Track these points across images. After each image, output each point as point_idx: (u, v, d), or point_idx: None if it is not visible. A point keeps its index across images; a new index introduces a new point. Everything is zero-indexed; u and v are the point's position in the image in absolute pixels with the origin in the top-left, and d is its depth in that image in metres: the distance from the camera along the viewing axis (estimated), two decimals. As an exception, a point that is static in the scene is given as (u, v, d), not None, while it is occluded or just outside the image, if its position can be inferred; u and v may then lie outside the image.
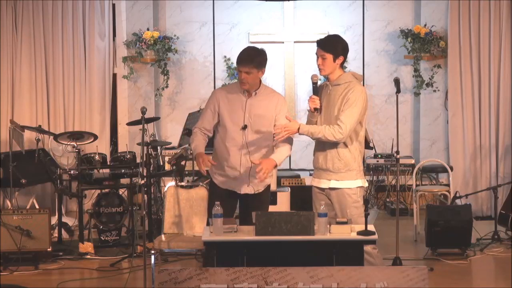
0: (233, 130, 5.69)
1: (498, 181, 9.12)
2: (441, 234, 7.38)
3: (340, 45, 5.58)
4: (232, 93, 5.74)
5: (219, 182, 5.83)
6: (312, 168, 5.80)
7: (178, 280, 4.86)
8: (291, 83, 9.88)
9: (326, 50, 5.54)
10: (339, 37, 5.69)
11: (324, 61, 5.55)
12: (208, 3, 9.89)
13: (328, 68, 5.56)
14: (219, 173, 5.81)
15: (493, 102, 9.22)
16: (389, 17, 9.82)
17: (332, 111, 5.56)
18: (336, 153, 5.56)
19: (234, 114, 5.69)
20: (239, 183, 5.77)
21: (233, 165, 5.73)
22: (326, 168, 5.61)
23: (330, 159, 5.58)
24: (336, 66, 5.58)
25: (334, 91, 5.58)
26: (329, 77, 5.62)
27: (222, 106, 5.71)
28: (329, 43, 5.58)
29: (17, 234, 7.12)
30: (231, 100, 5.72)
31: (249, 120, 5.68)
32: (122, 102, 9.78)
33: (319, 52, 5.58)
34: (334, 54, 5.54)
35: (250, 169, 5.70)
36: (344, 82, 5.57)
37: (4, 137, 9.17)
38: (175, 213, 6.52)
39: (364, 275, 4.86)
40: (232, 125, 5.69)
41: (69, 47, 9.40)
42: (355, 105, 5.49)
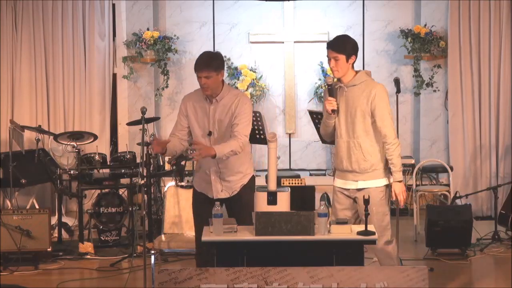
0: (200, 136, 5.68)
1: (498, 181, 9.12)
2: (441, 234, 7.39)
3: (350, 45, 5.56)
4: (198, 99, 5.71)
5: (196, 184, 5.86)
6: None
7: (178, 280, 4.86)
8: (291, 83, 9.87)
9: (338, 51, 5.51)
10: (348, 37, 5.68)
11: (337, 62, 5.51)
12: (208, 3, 9.89)
13: (342, 69, 5.52)
14: (197, 175, 5.84)
15: (493, 102, 9.22)
16: (389, 17, 9.82)
17: (353, 112, 5.53)
18: (361, 154, 5.54)
19: (200, 120, 5.69)
20: (211, 187, 5.74)
21: (205, 170, 5.74)
22: (352, 170, 5.58)
23: (356, 160, 5.55)
24: (349, 67, 5.54)
25: (351, 92, 5.54)
26: (342, 79, 5.57)
27: (189, 112, 5.71)
28: (340, 43, 5.55)
29: (17, 234, 7.13)
30: (196, 106, 5.70)
31: (214, 126, 5.66)
32: (122, 102, 9.78)
33: (330, 54, 5.53)
34: (346, 54, 5.50)
35: (219, 174, 5.69)
36: (361, 82, 5.54)
37: (4, 137, 9.17)
38: (175, 213, 6.53)
39: (364, 275, 4.86)
40: (199, 131, 5.69)
41: (69, 47, 9.40)
42: (385, 108, 5.52)
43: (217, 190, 5.72)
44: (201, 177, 5.79)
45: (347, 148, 5.58)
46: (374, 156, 5.56)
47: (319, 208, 5.29)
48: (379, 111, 5.51)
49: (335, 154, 5.72)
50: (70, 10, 9.36)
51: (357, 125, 5.54)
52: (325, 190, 8.15)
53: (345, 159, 5.60)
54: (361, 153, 5.54)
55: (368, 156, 5.54)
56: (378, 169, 5.57)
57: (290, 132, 9.97)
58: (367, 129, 5.54)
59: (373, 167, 5.56)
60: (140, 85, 9.78)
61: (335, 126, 5.64)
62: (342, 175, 5.66)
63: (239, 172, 5.74)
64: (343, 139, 5.60)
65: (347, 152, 5.58)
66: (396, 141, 5.53)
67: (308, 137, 9.93)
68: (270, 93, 9.87)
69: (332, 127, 5.64)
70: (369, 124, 5.54)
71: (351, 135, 5.56)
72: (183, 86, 9.96)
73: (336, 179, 5.72)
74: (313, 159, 10.02)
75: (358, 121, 5.52)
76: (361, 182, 5.58)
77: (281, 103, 9.94)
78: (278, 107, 9.94)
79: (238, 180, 5.76)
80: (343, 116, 5.57)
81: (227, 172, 5.70)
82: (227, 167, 5.68)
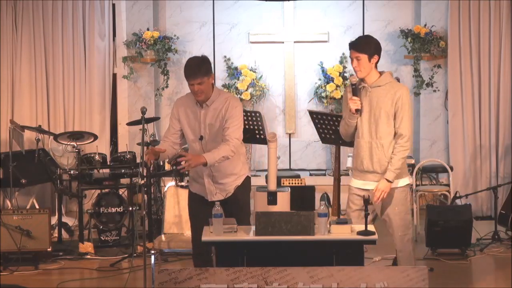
0: (192, 141, 5.70)
1: (498, 181, 9.12)
2: (441, 234, 7.39)
3: (372, 44, 5.56)
4: (189, 104, 5.72)
5: (191, 186, 5.87)
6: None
7: (178, 280, 4.86)
8: (291, 83, 9.87)
9: (360, 50, 5.51)
10: (370, 37, 5.68)
11: (359, 62, 5.51)
12: (208, 3, 9.88)
13: (365, 69, 5.52)
14: (192, 177, 5.85)
15: (493, 102, 9.22)
16: (389, 17, 9.82)
17: (378, 114, 5.53)
18: (383, 155, 5.54)
19: (192, 125, 5.70)
20: (206, 190, 5.75)
21: (199, 174, 5.75)
22: (373, 170, 5.58)
23: (377, 161, 5.55)
24: (372, 66, 5.54)
25: (375, 93, 5.54)
26: (365, 79, 5.56)
27: (181, 117, 5.72)
28: (362, 43, 5.56)
29: (17, 234, 7.13)
30: (188, 111, 5.71)
31: (205, 130, 5.66)
32: (122, 102, 9.78)
33: (353, 54, 5.53)
34: (368, 53, 5.50)
35: (212, 177, 5.70)
36: (386, 83, 5.54)
37: (4, 137, 9.17)
38: (175, 213, 6.53)
39: (364, 275, 4.86)
40: (191, 135, 5.71)
41: (69, 47, 9.40)
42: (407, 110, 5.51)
43: (212, 193, 5.73)
44: (195, 180, 5.81)
45: (369, 148, 5.57)
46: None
47: (319, 208, 5.29)
48: (401, 113, 5.51)
49: (355, 154, 5.69)
50: (70, 10, 9.36)
51: (381, 126, 5.54)
52: (325, 190, 8.15)
53: (366, 159, 5.59)
54: (383, 154, 5.54)
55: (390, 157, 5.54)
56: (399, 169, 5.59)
57: (290, 132, 9.97)
58: (390, 131, 5.55)
59: None
60: (140, 85, 9.78)
61: (356, 126, 5.63)
62: (362, 176, 5.65)
63: (233, 174, 5.75)
64: (364, 140, 5.59)
65: (369, 153, 5.58)
66: (407, 146, 5.53)
67: (308, 137, 9.93)
68: (270, 93, 9.87)
69: (353, 127, 5.63)
70: (392, 126, 5.55)
71: (374, 135, 5.56)
72: (183, 86, 9.96)
73: (354, 180, 5.71)
74: (313, 159, 10.02)
75: (382, 122, 5.52)
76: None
77: (281, 103, 9.94)
78: (278, 107, 9.94)
79: (232, 182, 5.76)
80: (366, 116, 5.57)
81: (220, 175, 5.71)
82: (220, 170, 5.68)
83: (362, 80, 5.60)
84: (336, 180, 6.60)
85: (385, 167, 5.54)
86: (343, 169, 8.51)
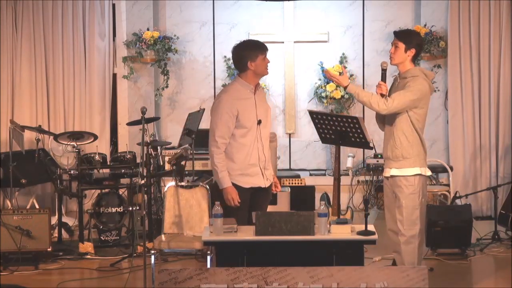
0: (251, 128, 5.79)
1: (498, 181, 9.12)
2: (441, 234, 7.38)
3: (415, 38, 5.72)
4: (241, 93, 5.81)
5: (243, 182, 5.82)
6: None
7: (178, 280, 4.87)
8: (291, 83, 9.87)
9: (399, 38, 5.68)
10: (416, 32, 5.94)
11: (396, 49, 5.68)
12: (208, 3, 9.88)
13: (398, 57, 5.68)
14: (240, 173, 5.83)
15: (493, 102, 9.22)
16: (389, 17, 9.82)
17: None
18: (393, 141, 5.68)
19: (249, 112, 5.79)
20: (262, 177, 5.86)
21: (255, 162, 5.82)
22: (387, 157, 5.75)
23: (390, 148, 5.70)
24: (407, 58, 5.68)
25: (401, 83, 5.70)
26: (399, 68, 5.72)
27: (239, 109, 5.76)
28: (404, 33, 5.75)
29: (17, 234, 7.13)
30: (243, 100, 5.79)
31: (261, 114, 5.82)
32: (122, 102, 9.78)
33: (394, 41, 5.72)
34: (406, 44, 5.65)
35: (264, 162, 5.84)
36: (411, 76, 5.65)
37: (4, 137, 9.17)
38: (175, 213, 6.52)
39: (364, 275, 4.87)
40: (250, 123, 5.79)
41: (69, 47, 9.40)
42: (410, 90, 5.60)
43: (265, 178, 5.89)
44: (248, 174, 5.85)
45: (388, 135, 5.74)
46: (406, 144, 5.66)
47: (319, 208, 5.29)
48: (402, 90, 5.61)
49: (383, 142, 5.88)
50: (70, 10, 9.36)
51: (398, 115, 5.66)
52: (325, 190, 8.14)
53: (385, 145, 5.78)
54: (394, 141, 5.67)
55: (399, 144, 5.66)
56: (409, 157, 5.68)
57: (290, 132, 9.97)
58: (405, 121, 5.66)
59: (404, 155, 5.66)
60: (140, 85, 9.78)
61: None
62: (385, 163, 5.84)
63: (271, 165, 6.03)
64: (386, 126, 5.79)
65: (387, 139, 5.75)
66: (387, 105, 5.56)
67: (308, 137, 9.93)
68: (270, 93, 9.87)
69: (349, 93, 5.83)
70: (407, 117, 5.65)
71: (392, 123, 5.71)
72: (183, 86, 9.96)
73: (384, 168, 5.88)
74: (313, 159, 10.02)
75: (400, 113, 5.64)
76: (394, 169, 5.72)
77: (281, 103, 9.94)
78: (278, 107, 9.94)
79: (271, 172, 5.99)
80: None
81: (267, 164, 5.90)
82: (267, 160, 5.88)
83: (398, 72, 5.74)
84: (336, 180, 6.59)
85: (395, 154, 5.66)
86: (343, 169, 8.52)
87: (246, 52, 5.78)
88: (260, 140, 5.81)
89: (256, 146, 5.80)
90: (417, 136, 5.71)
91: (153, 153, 8.06)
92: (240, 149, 5.78)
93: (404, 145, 5.66)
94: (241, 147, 5.79)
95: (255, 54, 5.75)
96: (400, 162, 5.68)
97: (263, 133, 5.83)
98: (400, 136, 5.66)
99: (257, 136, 5.79)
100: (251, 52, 5.75)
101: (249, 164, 5.80)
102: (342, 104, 9.60)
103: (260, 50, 5.77)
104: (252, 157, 5.79)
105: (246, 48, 5.80)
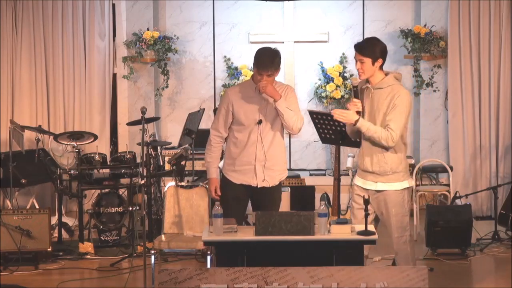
0: (248, 126, 5.80)
1: (498, 181, 9.12)
2: (441, 234, 7.39)
3: (377, 48, 5.55)
4: (245, 89, 5.87)
5: (233, 177, 5.89)
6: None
7: (178, 280, 4.87)
8: (291, 83, 9.85)
9: (363, 54, 5.52)
10: (376, 39, 5.68)
11: (362, 65, 5.53)
12: (208, 3, 9.88)
13: (367, 71, 5.54)
14: (233, 168, 5.89)
15: (493, 102, 9.22)
16: (389, 17, 9.82)
17: (376, 115, 5.53)
18: (382, 157, 5.53)
19: (249, 110, 5.80)
20: (254, 177, 5.85)
21: (248, 160, 5.83)
22: (372, 171, 5.58)
23: (377, 162, 5.55)
24: (375, 69, 5.54)
25: (377, 95, 5.55)
26: (370, 80, 5.58)
27: (235, 104, 5.82)
28: (366, 46, 5.56)
29: (17, 234, 7.13)
30: (244, 96, 5.83)
31: (264, 114, 5.80)
32: (122, 102, 9.78)
33: (357, 57, 5.56)
34: (372, 57, 5.51)
35: (265, 162, 5.82)
36: (387, 86, 5.53)
37: (4, 137, 9.17)
38: (175, 213, 6.53)
39: (364, 275, 4.87)
40: (247, 121, 5.80)
41: (69, 47, 9.40)
42: (402, 111, 5.48)
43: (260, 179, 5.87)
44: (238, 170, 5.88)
45: (370, 149, 5.58)
46: (395, 160, 5.55)
47: (319, 208, 5.29)
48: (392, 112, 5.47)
49: (359, 154, 5.73)
50: (70, 10, 9.36)
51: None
52: (325, 190, 8.15)
53: (366, 159, 5.60)
54: (383, 156, 5.54)
55: (389, 159, 5.53)
56: (398, 172, 5.56)
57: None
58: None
59: (393, 170, 5.55)
60: (140, 85, 9.78)
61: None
62: (363, 175, 5.67)
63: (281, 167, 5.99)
64: (366, 140, 5.61)
65: (369, 154, 5.58)
66: (391, 138, 5.45)
67: (308, 137, 9.92)
68: (270, 93, 9.86)
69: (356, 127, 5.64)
70: None
71: None
72: (183, 86, 9.97)
73: (357, 177, 5.74)
74: (313, 159, 10.02)
75: (380, 125, 5.51)
76: (380, 184, 5.58)
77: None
78: (278, 107, 9.93)
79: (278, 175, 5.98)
80: (367, 117, 5.57)
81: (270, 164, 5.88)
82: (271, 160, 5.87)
83: (367, 81, 5.61)
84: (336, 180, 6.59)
85: (384, 169, 5.54)
86: (343, 169, 8.51)
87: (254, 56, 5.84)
88: (261, 140, 5.81)
89: (255, 145, 5.80)
90: (404, 149, 5.60)
91: (153, 153, 8.06)
92: (236, 144, 5.86)
93: (394, 159, 5.53)
94: (237, 142, 5.85)
95: (254, 63, 5.82)
96: (389, 176, 5.56)
97: (267, 134, 5.82)
98: (390, 152, 5.52)
99: (258, 136, 5.80)
100: (254, 60, 5.83)
101: (243, 161, 5.84)
102: (342, 104, 9.60)
103: (255, 63, 5.79)
104: (248, 155, 5.81)
105: (255, 54, 5.84)
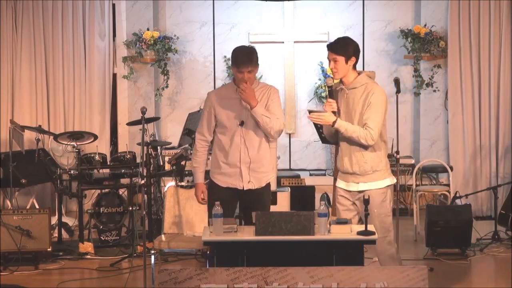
0: (231, 128, 5.76)
1: (498, 181, 9.12)
2: (441, 234, 7.39)
3: (350, 47, 5.54)
4: (227, 92, 5.83)
5: (220, 181, 5.86)
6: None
7: (178, 280, 4.87)
8: (291, 83, 9.88)
9: (336, 52, 5.51)
10: (348, 39, 5.65)
11: (336, 63, 5.51)
12: (208, 3, 9.89)
13: (341, 71, 5.52)
14: (219, 171, 5.86)
15: (493, 102, 9.22)
16: (389, 17, 9.82)
17: (353, 115, 5.52)
18: (361, 156, 5.52)
19: (231, 112, 5.77)
20: (240, 179, 5.80)
21: (233, 162, 5.79)
22: (353, 172, 5.57)
23: (356, 162, 5.54)
24: (349, 68, 5.53)
25: (352, 94, 5.54)
26: (343, 80, 5.57)
27: (217, 106, 5.79)
28: (339, 45, 5.55)
29: (17, 234, 7.13)
30: (226, 99, 5.79)
31: (247, 115, 5.74)
32: (122, 102, 9.79)
33: (330, 56, 5.55)
34: (345, 56, 5.50)
35: (249, 164, 5.77)
36: (361, 85, 5.52)
37: (4, 137, 9.18)
38: (175, 213, 6.53)
39: (364, 275, 4.87)
40: (229, 123, 5.77)
41: (69, 47, 9.40)
42: (379, 108, 5.48)
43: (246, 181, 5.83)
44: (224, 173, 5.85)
45: (348, 149, 5.57)
46: (375, 158, 5.54)
47: (319, 208, 5.29)
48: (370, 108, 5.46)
49: (338, 156, 5.71)
50: (70, 10, 9.36)
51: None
52: (325, 190, 8.16)
53: (346, 161, 5.59)
54: (362, 156, 5.53)
55: (368, 158, 5.52)
56: (379, 170, 5.55)
57: (290, 132, 9.97)
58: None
59: (373, 168, 5.54)
60: (140, 85, 9.78)
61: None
62: (344, 177, 5.65)
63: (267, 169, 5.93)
64: (344, 141, 5.59)
65: (348, 154, 5.57)
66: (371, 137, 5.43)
67: (308, 137, 9.93)
68: (270, 93, 9.86)
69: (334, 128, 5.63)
70: None
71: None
72: (183, 86, 9.97)
73: (338, 180, 5.72)
74: (313, 159, 10.03)
75: (358, 124, 5.50)
76: (362, 184, 5.56)
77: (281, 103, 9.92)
78: (278, 107, 9.93)
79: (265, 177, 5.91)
80: (344, 118, 5.55)
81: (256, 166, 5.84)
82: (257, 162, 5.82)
83: (341, 82, 5.60)
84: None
85: (364, 168, 5.53)
86: (343, 169, 8.49)
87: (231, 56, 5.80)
88: (244, 142, 5.76)
89: (239, 147, 5.76)
90: (383, 147, 5.58)
91: (153, 153, 8.06)
92: (220, 147, 5.84)
93: (374, 158, 5.52)
94: (221, 145, 5.83)
95: (232, 63, 5.78)
96: (369, 175, 5.54)
97: (250, 135, 5.77)
98: (368, 151, 5.51)
99: (241, 137, 5.76)
100: (231, 60, 5.79)
101: (228, 164, 5.81)
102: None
103: (233, 63, 5.75)
104: (232, 157, 5.78)
105: (232, 53, 5.79)
